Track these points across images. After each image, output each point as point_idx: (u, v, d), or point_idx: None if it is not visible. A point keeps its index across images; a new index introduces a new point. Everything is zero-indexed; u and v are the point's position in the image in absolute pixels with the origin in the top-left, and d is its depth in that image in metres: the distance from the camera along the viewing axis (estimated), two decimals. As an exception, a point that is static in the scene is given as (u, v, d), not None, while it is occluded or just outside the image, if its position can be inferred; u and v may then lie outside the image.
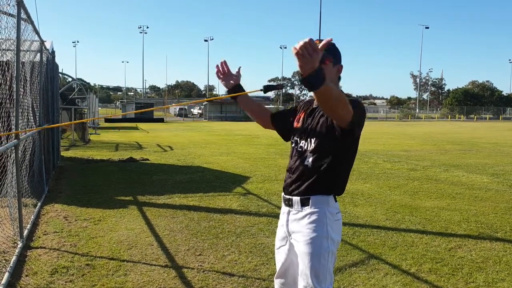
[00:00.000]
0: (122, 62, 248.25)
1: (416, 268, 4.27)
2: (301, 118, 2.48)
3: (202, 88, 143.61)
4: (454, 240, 5.16)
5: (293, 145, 2.49)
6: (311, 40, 1.73)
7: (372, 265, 4.33)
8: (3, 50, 4.40)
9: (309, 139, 2.34)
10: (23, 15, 4.78)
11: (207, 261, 4.38)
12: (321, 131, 2.28)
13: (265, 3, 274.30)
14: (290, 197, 2.38)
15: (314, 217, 2.28)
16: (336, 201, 2.36)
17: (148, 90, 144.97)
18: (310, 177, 2.30)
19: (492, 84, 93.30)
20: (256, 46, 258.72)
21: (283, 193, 2.48)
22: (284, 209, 2.44)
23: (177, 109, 69.17)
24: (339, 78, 2.42)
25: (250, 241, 5.00)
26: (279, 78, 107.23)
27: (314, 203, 2.30)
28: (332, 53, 2.33)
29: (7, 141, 4.52)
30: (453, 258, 4.53)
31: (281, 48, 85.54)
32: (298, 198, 2.34)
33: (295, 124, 2.52)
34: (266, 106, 2.92)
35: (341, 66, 2.39)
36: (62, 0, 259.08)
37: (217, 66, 2.72)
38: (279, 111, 2.79)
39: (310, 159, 2.31)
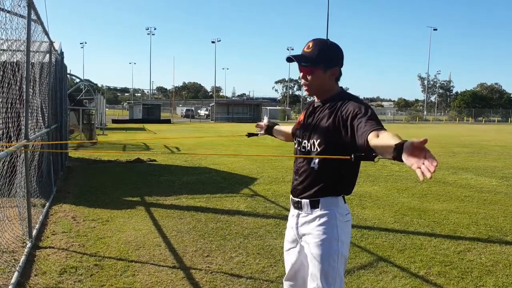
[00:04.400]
0: (130, 63, 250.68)
1: (425, 271, 4.24)
2: (302, 118, 2.48)
3: (209, 89, 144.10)
4: (463, 243, 5.12)
5: (296, 145, 2.48)
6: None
7: (381, 267, 4.30)
8: (13, 50, 4.42)
9: (311, 140, 2.33)
10: (33, 16, 4.80)
11: (214, 263, 4.38)
12: (324, 132, 2.26)
13: (272, 5, 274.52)
14: (299, 199, 2.37)
15: (324, 219, 2.27)
16: (345, 202, 2.35)
17: (155, 91, 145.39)
18: (318, 179, 2.30)
19: (501, 86, 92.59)
20: (263, 48, 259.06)
21: (291, 196, 2.47)
22: (293, 211, 2.43)
23: (184, 110, 69.46)
24: (338, 78, 2.38)
25: (258, 243, 4.99)
26: (286, 79, 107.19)
27: (323, 205, 2.29)
28: (321, 60, 2.30)
29: (17, 142, 4.54)
30: (462, 262, 4.49)
31: (288, 49, 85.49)
32: (308, 200, 2.33)
33: (297, 126, 2.51)
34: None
35: (336, 69, 2.35)
36: (70, 1, 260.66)
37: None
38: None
39: (316, 161, 2.30)
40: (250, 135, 3.18)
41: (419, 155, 1.69)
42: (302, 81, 2.40)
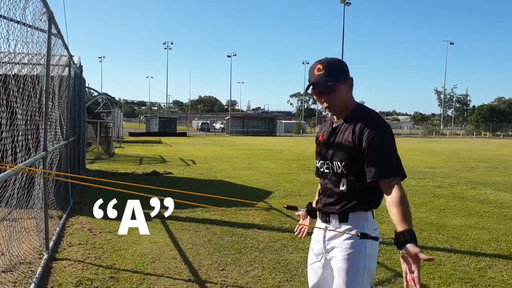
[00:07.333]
0: (147, 77, 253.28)
1: (445, 288, 4.15)
2: (322, 139, 2.43)
3: (224, 103, 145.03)
4: (483, 259, 5.01)
5: (318, 165, 2.43)
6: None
7: (399, 283, 4.22)
8: (33, 64, 4.50)
9: (335, 161, 2.29)
10: (53, 30, 4.89)
11: (230, 276, 4.35)
12: (347, 152, 2.24)
13: (286, 20, 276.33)
14: (327, 214, 2.34)
15: (352, 233, 2.24)
16: (373, 217, 2.32)
17: (171, 104, 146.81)
18: (348, 200, 2.26)
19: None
20: (278, 62, 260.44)
21: (318, 211, 2.43)
22: (321, 224, 2.40)
23: (200, 123, 69.94)
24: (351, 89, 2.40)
25: (274, 257, 4.95)
26: (301, 93, 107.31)
27: (353, 219, 2.27)
28: (341, 73, 2.29)
29: (35, 153, 4.59)
30: (483, 279, 4.39)
31: (303, 63, 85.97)
32: (336, 215, 2.30)
33: (317, 148, 2.47)
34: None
35: (351, 79, 2.36)
36: (90, 16, 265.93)
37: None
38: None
39: (345, 184, 2.26)
40: (288, 207, 2.93)
41: (410, 264, 2.05)
42: (324, 105, 2.34)
